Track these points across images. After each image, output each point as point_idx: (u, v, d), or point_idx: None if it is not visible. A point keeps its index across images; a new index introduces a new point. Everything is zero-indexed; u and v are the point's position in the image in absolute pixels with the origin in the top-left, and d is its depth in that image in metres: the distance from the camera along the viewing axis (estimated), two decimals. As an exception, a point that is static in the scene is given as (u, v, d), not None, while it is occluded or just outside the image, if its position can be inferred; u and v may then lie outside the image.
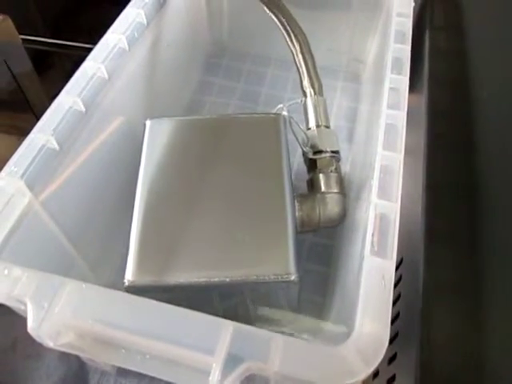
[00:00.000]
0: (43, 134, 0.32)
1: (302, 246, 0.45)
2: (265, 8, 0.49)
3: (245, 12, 0.52)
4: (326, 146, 0.42)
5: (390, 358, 0.34)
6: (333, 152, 0.42)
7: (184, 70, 0.53)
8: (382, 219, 0.27)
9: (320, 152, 0.42)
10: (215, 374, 0.22)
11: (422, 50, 0.47)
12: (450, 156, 0.37)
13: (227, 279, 0.32)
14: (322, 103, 0.45)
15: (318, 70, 0.46)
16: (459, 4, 0.46)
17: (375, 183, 0.29)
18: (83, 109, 0.35)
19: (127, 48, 0.41)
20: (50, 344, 0.24)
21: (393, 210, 0.27)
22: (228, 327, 0.23)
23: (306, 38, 0.48)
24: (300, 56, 0.47)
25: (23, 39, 0.53)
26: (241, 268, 0.32)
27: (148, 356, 0.24)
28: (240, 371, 0.22)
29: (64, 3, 0.69)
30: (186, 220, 0.35)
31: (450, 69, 0.42)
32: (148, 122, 0.40)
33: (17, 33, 0.51)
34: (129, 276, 0.32)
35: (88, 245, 0.38)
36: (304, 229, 0.39)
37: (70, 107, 0.34)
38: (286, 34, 0.48)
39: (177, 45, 0.49)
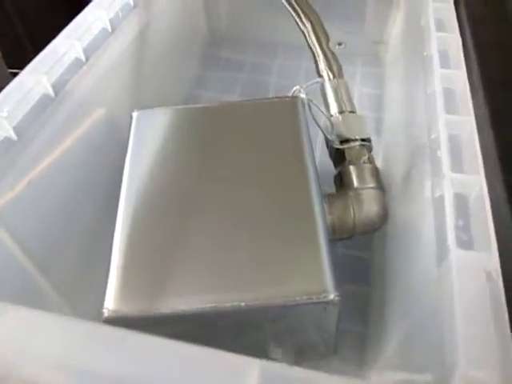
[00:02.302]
0: (-6, 117, 0.25)
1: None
2: (270, -11, 0.43)
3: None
4: (355, 133, 0.34)
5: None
6: (363, 140, 0.34)
7: (177, 61, 0.46)
8: (464, 199, 0.19)
9: (347, 141, 0.34)
10: None
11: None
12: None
13: (242, 304, 0.23)
14: (343, 86, 0.38)
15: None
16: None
17: (445, 155, 0.20)
18: (51, 92, 0.28)
19: (109, 28, 0.34)
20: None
21: (477, 184, 0.19)
22: (253, 367, 0.14)
23: (318, 16, 0.42)
24: (313, 36, 0.41)
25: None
26: (260, 288, 0.24)
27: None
28: None
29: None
30: (185, 233, 0.26)
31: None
32: (135, 114, 0.32)
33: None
34: (109, 304, 0.23)
35: (61, 271, 0.30)
36: (336, 236, 0.30)
37: (33, 87, 0.27)
38: (294, 14, 0.42)
39: (168, 32, 0.42)
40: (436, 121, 0.23)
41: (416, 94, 0.31)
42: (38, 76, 0.27)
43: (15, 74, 0.28)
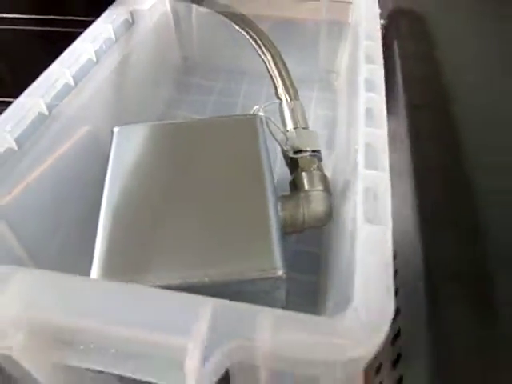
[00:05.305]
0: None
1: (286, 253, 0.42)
2: (234, 25, 0.50)
3: (213, 29, 0.52)
4: (307, 145, 0.40)
5: (394, 361, 0.30)
6: (313, 151, 0.40)
7: (154, 86, 0.52)
8: (372, 189, 0.25)
9: (300, 151, 0.40)
10: (193, 357, 0.18)
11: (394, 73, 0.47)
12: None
13: (206, 279, 0.28)
14: (298, 106, 0.44)
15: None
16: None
17: (361, 157, 0.26)
18: (46, 111, 0.33)
19: (94, 58, 0.40)
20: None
21: (384, 180, 0.25)
22: (207, 304, 0.20)
23: (277, 49, 0.48)
24: (273, 65, 0.47)
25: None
26: (222, 266, 0.29)
27: (113, 350, 0.20)
28: (222, 352, 0.18)
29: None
30: (159, 221, 0.31)
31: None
32: (116, 129, 0.37)
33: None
34: (94, 276, 0.28)
35: (51, 263, 0.34)
36: (288, 229, 0.36)
37: (31, 108, 0.32)
38: (257, 47, 0.48)
39: (146, 62, 0.48)
40: (357, 134, 0.29)
41: (351, 114, 0.37)
42: (35, 98, 0.33)
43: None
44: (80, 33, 0.41)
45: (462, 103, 0.34)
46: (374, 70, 0.34)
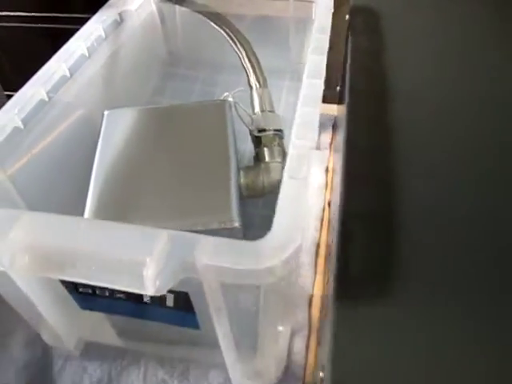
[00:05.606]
0: (7, 114, 0.37)
1: (253, 218, 0.48)
2: (211, 23, 0.56)
3: (196, 27, 0.58)
4: (270, 125, 0.47)
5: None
6: (276, 130, 0.47)
7: (142, 76, 0.59)
8: (299, 155, 0.31)
9: (264, 130, 0.46)
10: (150, 268, 0.25)
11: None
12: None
13: (177, 228, 0.36)
14: (266, 93, 0.50)
15: (266, 73, 0.52)
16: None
17: (294, 130, 0.33)
18: (46, 98, 0.40)
19: (87, 54, 0.46)
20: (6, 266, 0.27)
21: (308, 147, 0.32)
22: (164, 232, 0.26)
23: (250, 44, 0.55)
24: (246, 59, 0.53)
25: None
26: (189, 219, 0.36)
27: (94, 267, 0.26)
28: (173, 267, 0.25)
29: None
30: (141, 182, 0.39)
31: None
32: (106, 112, 0.44)
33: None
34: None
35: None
36: (250, 193, 0.43)
37: (34, 95, 0.39)
38: (232, 43, 0.55)
39: (134, 55, 0.55)
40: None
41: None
42: (37, 87, 0.40)
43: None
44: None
45: (397, 96, 0.40)
46: (317, 60, 0.40)
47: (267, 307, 0.31)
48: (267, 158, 0.44)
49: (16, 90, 0.40)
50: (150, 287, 0.25)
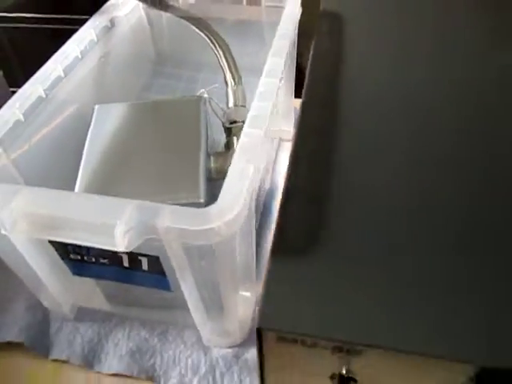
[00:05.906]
0: (11, 109, 0.44)
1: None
2: (193, 27, 0.63)
3: (181, 30, 0.65)
4: (241, 118, 0.53)
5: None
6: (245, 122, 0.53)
7: (132, 74, 0.66)
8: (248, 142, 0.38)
9: (235, 122, 0.53)
10: (119, 228, 0.31)
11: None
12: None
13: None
14: (240, 90, 0.57)
15: (243, 72, 0.58)
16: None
17: (248, 121, 0.40)
18: (43, 95, 0.47)
19: (80, 56, 0.53)
20: (8, 230, 0.33)
21: (257, 135, 0.38)
22: (132, 202, 0.33)
23: (227, 45, 0.61)
24: (223, 59, 0.60)
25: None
26: (161, 195, 0.43)
27: (78, 230, 0.33)
28: (139, 229, 0.32)
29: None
30: (121, 166, 0.46)
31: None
32: (96, 106, 0.51)
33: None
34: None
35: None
36: (219, 176, 0.49)
37: (32, 92, 0.46)
38: (211, 44, 0.61)
39: (125, 56, 0.62)
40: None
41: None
42: (35, 86, 0.46)
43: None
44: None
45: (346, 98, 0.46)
46: (276, 62, 0.47)
47: (221, 269, 0.38)
48: (235, 146, 0.51)
49: (21, 86, 0.46)
50: (120, 244, 0.32)
